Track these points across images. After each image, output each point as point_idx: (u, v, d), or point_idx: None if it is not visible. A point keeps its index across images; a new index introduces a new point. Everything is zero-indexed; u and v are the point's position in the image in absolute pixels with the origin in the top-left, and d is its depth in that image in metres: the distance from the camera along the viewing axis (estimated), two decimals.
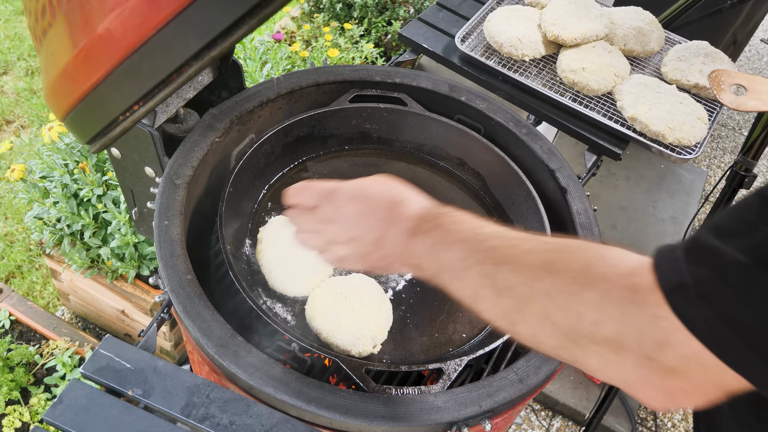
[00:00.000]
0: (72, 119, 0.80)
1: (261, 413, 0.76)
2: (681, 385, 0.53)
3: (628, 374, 0.54)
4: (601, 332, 0.54)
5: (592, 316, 0.55)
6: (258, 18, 0.60)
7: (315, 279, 1.04)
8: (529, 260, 0.60)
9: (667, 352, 0.51)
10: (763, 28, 3.92)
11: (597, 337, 0.55)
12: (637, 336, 0.52)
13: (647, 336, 0.52)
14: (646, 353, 0.52)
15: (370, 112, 1.26)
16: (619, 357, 0.54)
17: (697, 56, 1.55)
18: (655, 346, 0.52)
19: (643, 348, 0.52)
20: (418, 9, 2.72)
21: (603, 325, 0.54)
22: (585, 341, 0.56)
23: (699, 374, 0.51)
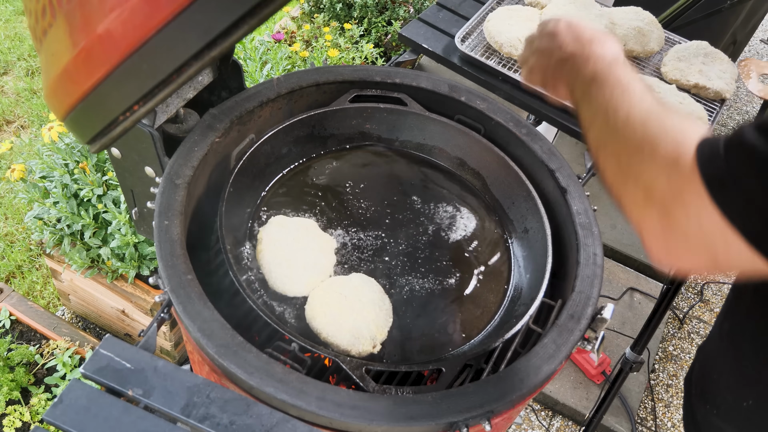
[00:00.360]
0: (72, 119, 0.80)
1: (261, 413, 0.76)
2: (679, 243, 0.63)
3: (646, 220, 0.66)
4: (643, 177, 0.66)
5: (645, 166, 0.66)
6: (258, 18, 0.60)
7: (315, 279, 1.04)
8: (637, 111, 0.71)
9: (679, 208, 0.62)
10: (762, 28, 3.93)
11: (639, 180, 0.67)
12: (666, 192, 0.63)
13: (672, 190, 0.63)
14: (667, 208, 0.63)
15: (370, 112, 1.26)
16: (646, 203, 0.66)
17: (696, 56, 1.55)
18: (673, 198, 0.62)
19: (665, 203, 0.63)
20: (418, 9, 2.72)
21: (647, 173, 0.66)
22: (632, 181, 0.68)
23: (697, 235, 0.61)
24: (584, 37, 0.88)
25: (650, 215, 0.65)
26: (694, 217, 0.61)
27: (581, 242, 1.06)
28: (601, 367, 2.17)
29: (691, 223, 0.61)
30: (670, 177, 0.63)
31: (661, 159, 0.65)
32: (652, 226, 0.65)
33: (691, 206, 0.61)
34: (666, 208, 0.63)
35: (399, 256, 1.12)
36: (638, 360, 1.70)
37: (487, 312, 1.08)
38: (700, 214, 0.60)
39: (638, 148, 0.68)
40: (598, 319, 0.98)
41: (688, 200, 0.61)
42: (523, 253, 1.16)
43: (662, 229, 0.64)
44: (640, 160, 0.67)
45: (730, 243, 0.59)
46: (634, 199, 0.68)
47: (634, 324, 2.35)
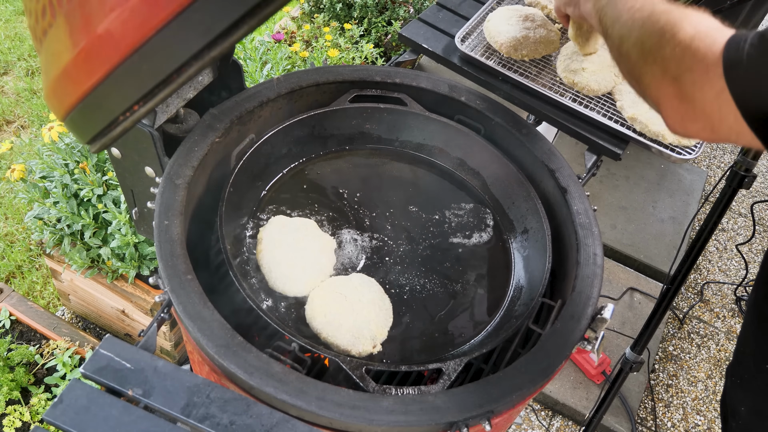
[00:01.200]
0: (72, 119, 0.80)
1: (261, 413, 0.76)
2: (687, 111, 0.73)
3: (661, 89, 0.76)
4: (661, 53, 0.75)
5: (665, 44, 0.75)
6: (258, 18, 0.60)
7: (315, 279, 1.04)
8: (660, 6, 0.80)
9: (689, 79, 0.71)
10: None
11: (657, 57, 0.76)
12: (678, 62, 0.73)
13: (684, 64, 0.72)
14: (676, 75, 0.73)
15: (370, 112, 1.26)
16: (663, 75, 0.75)
17: None
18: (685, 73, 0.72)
19: (679, 73, 0.73)
20: (418, 9, 2.72)
21: (666, 50, 0.75)
22: (651, 59, 0.77)
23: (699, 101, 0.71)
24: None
25: (665, 85, 0.75)
26: (698, 85, 0.70)
27: (581, 242, 1.06)
28: (601, 367, 2.17)
29: (696, 90, 0.71)
30: (685, 53, 0.72)
31: (680, 39, 0.74)
32: (666, 94, 0.75)
33: (697, 75, 0.70)
34: (678, 78, 0.73)
35: (399, 256, 1.12)
36: (638, 360, 1.70)
37: (487, 312, 1.08)
38: (703, 83, 0.69)
39: (660, 33, 0.76)
40: (598, 319, 0.98)
41: (696, 70, 0.70)
42: (523, 253, 1.16)
43: (673, 96, 0.74)
44: (660, 41, 0.76)
45: (724, 114, 0.68)
46: (652, 75, 0.77)
47: (634, 324, 2.35)
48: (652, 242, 2.65)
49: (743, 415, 1.06)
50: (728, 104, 0.68)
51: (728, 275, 2.77)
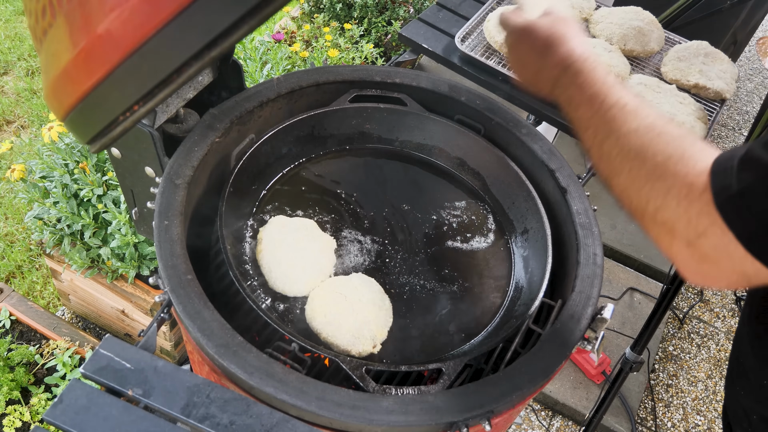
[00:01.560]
0: (72, 119, 0.80)
1: (261, 413, 0.76)
2: (711, 270, 0.66)
3: (675, 254, 0.69)
4: (659, 216, 0.69)
5: (656, 202, 0.69)
6: (258, 18, 0.60)
7: (315, 279, 1.04)
8: (630, 140, 0.74)
9: (704, 241, 0.64)
10: (763, 29, 3.92)
11: (657, 219, 0.69)
12: (686, 225, 0.65)
13: (692, 227, 0.65)
14: (690, 240, 0.65)
15: (370, 112, 1.26)
16: (669, 238, 0.68)
17: (697, 56, 1.55)
18: (696, 235, 0.64)
19: (688, 235, 0.65)
20: (418, 9, 2.72)
21: (662, 211, 0.68)
22: (648, 220, 0.71)
23: (727, 263, 0.63)
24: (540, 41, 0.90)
25: (678, 249, 0.67)
26: (722, 249, 0.63)
27: (581, 242, 1.06)
28: (601, 367, 2.17)
29: (720, 254, 0.63)
30: (689, 211, 0.65)
31: (677, 191, 0.67)
32: (683, 258, 0.68)
33: (715, 239, 0.63)
34: (692, 243, 0.65)
35: (399, 256, 1.12)
36: (638, 360, 1.70)
37: (487, 312, 1.08)
38: (727, 245, 0.62)
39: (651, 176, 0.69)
40: (598, 319, 0.98)
41: (711, 233, 0.63)
42: (523, 253, 1.16)
43: (692, 260, 0.67)
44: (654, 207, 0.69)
45: (759, 267, 0.61)
46: (658, 236, 0.70)
47: (634, 324, 2.35)
48: (652, 242, 2.64)
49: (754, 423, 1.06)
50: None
51: None
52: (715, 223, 0.62)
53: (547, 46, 0.89)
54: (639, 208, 0.72)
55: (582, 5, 1.66)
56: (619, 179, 0.74)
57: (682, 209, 0.66)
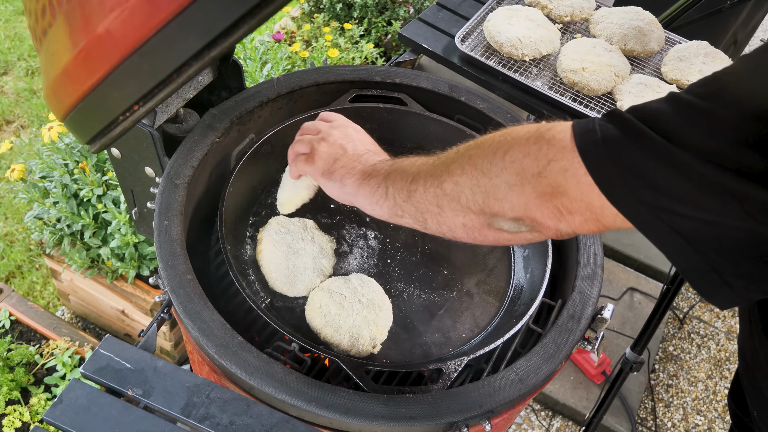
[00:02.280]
0: (72, 119, 0.80)
1: (261, 413, 0.76)
2: (564, 202, 0.65)
3: (526, 195, 0.67)
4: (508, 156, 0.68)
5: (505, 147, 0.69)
6: (258, 18, 0.60)
7: (315, 279, 1.04)
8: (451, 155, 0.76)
9: (553, 166, 0.64)
10: (763, 28, 3.92)
11: (505, 161, 0.68)
12: (535, 156, 0.66)
13: (543, 155, 0.65)
14: (540, 170, 0.65)
15: (370, 112, 1.26)
16: (519, 179, 0.67)
17: (697, 56, 1.55)
18: (547, 162, 0.65)
19: (538, 165, 0.65)
20: (418, 9, 2.72)
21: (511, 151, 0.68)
22: (496, 170, 0.69)
23: (575, 191, 0.63)
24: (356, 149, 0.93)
25: (527, 187, 0.67)
26: (570, 172, 0.63)
27: (581, 242, 1.06)
28: (601, 367, 2.17)
29: (570, 181, 0.64)
30: (540, 148, 0.66)
31: (524, 140, 0.68)
32: (532, 196, 0.67)
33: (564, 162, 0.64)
34: (542, 173, 0.65)
35: (399, 256, 1.12)
36: (638, 360, 1.70)
37: (487, 312, 1.08)
38: (576, 168, 0.62)
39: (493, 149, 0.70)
40: (598, 319, 0.98)
41: (561, 157, 0.64)
42: (523, 253, 1.16)
43: (542, 195, 0.66)
44: (498, 154, 0.69)
45: (604, 202, 0.62)
46: (507, 184, 0.68)
47: (634, 324, 2.35)
48: None
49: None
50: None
51: None
52: (565, 147, 0.63)
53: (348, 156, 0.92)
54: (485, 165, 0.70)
55: (582, 5, 1.66)
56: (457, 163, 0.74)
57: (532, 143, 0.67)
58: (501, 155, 0.69)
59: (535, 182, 0.66)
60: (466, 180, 0.72)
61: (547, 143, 0.66)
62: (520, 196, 0.68)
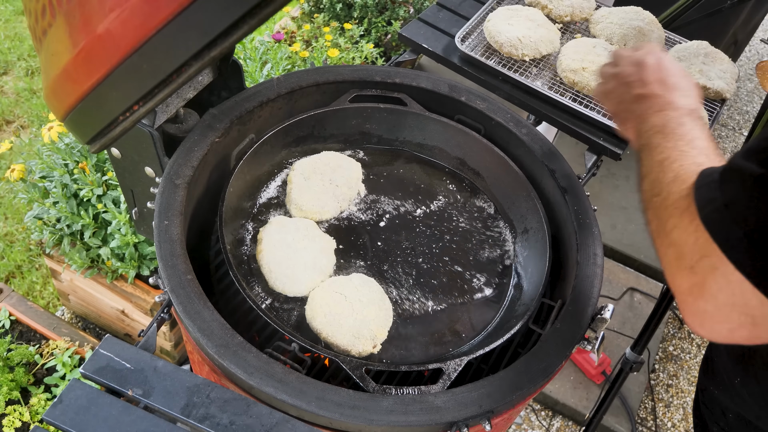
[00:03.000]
0: (72, 119, 0.80)
1: (261, 413, 0.76)
2: (708, 307, 0.59)
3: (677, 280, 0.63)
4: (673, 236, 0.64)
5: (674, 220, 0.65)
6: (258, 18, 0.60)
7: (315, 279, 1.04)
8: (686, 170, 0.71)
9: (705, 263, 0.58)
10: (763, 28, 3.92)
11: (671, 239, 0.65)
12: (692, 245, 0.61)
13: (698, 246, 0.60)
14: (692, 263, 0.60)
15: (370, 112, 1.26)
16: (677, 263, 0.63)
17: (697, 56, 1.55)
18: (699, 256, 0.59)
19: (692, 257, 0.60)
20: (418, 9, 2.72)
21: (677, 230, 0.64)
22: (666, 240, 0.66)
23: (726, 293, 0.57)
24: (669, 82, 0.87)
25: (681, 275, 0.63)
26: (720, 274, 0.57)
27: (581, 242, 1.06)
28: (601, 367, 2.17)
29: (718, 280, 0.57)
30: (697, 233, 0.60)
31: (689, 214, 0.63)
32: (683, 288, 0.62)
33: (715, 259, 0.57)
34: (693, 267, 0.60)
35: (399, 256, 1.12)
36: (638, 360, 1.70)
37: (487, 312, 1.08)
38: (725, 268, 0.56)
39: (675, 206, 0.66)
40: (598, 319, 0.98)
41: (712, 253, 0.58)
42: (523, 253, 1.16)
43: (690, 290, 0.61)
44: (675, 217, 0.65)
45: (762, 299, 0.54)
46: (668, 259, 0.66)
47: (634, 324, 2.35)
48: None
49: (731, 420, 1.06)
50: None
51: None
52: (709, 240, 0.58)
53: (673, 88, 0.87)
54: (661, 226, 0.68)
55: (582, 5, 1.66)
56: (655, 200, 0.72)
57: (693, 227, 0.61)
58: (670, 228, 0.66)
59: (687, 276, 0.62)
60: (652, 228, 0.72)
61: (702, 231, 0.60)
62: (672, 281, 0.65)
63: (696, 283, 0.60)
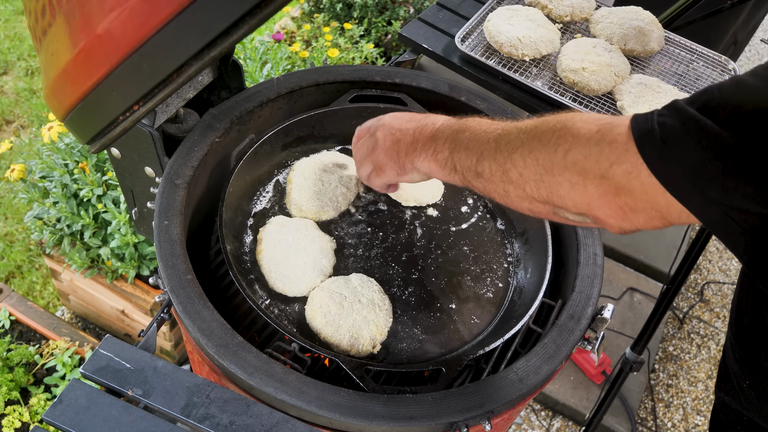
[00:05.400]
0: (72, 119, 0.80)
1: (261, 413, 0.76)
2: (627, 201, 0.65)
3: (589, 194, 0.68)
4: (570, 157, 0.68)
5: (566, 145, 0.69)
6: (258, 18, 0.60)
7: (315, 279, 1.04)
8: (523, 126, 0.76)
9: (617, 168, 0.64)
10: (763, 28, 3.92)
11: (567, 162, 0.68)
12: (596, 159, 0.66)
13: (604, 157, 0.65)
14: (602, 173, 0.65)
15: (370, 112, 1.26)
16: (582, 179, 0.67)
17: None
18: (609, 164, 0.65)
19: (600, 168, 0.65)
20: (418, 9, 2.72)
21: (572, 151, 0.68)
22: (558, 168, 0.69)
23: (640, 191, 0.63)
24: (415, 116, 0.92)
25: (590, 187, 0.67)
26: (634, 174, 0.63)
27: (581, 242, 1.06)
28: (601, 367, 2.17)
29: (633, 182, 0.63)
30: (602, 150, 0.65)
31: (587, 137, 0.67)
32: (595, 195, 0.67)
33: (628, 165, 0.63)
34: (604, 175, 0.65)
35: (399, 256, 1.12)
36: (638, 360, 1.70)
37: (487, 312, 1.08)
38: (640, 170, 0.62)
39: (556, 140, 0.69)
40: (598, 319, 0.98)
41: (623, 160, 0.64)
42: (523, 253, 1.16)
43: (607, 196, 0.66)
44: (562, 148, 0.69)
45: (669, 199, 0.62)
46: (569, 184, 0.69)
47: (634, 324, 2.35)
48: (652, 242, 2.65)
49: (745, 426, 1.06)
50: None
51: (728, 275, 2.77)
52: (628, 150, 0.63)
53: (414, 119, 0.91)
54: (547, 162, 0.70)
55: (582, 5, 1.66)
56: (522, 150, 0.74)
57: (594, 146, 0.66)
58: (562, 154, 0.69)
59: (598, 183, 0.66)
60: (529, 173, 0.73)
61: (609, 145, 0.65)
62: (583, 195, 0.68)
63: (612, 185, 0.65)
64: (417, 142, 0.89)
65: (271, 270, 1.03)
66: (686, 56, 1.62)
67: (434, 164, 0.86)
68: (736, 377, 1.00)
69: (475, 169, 0.80)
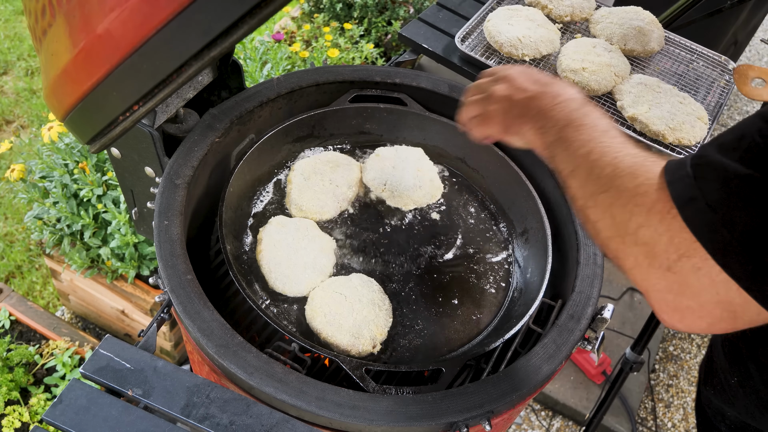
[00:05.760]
0: (72, 119, 0.80)
1: (261, 413, 0.76)
2: (691, 304, 0.58)
3: (652, 285, 0.61)
4: (641, 233, 0.61)
5: (639, 219, 0.61)
6: (258, 18, 0.60)
7: (315, 279, 1.04)
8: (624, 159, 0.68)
9: (685, 263, 0.57)
10: (763, 28, 3.92)
11: (638, 237, 0.61)
12: (667, 244, 0.58)
13: (674, 246, 0.58)
14: (669, 263, 0.58)
15: (370, 112, 1.26)
16: (647, 263, 0.60)
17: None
18: (677, 256, 0.57)
19: (668, 257, 0.58)
20: (418, 9, 2.71)
21: (644, 228, 0.61)
22: (630, 239, 0.62)
23: (709, 292, 0.56)
24: (542, 80, 0.85)
25: (656, 277, 0.60)
26: (705, 273, 0.56)
27: (581, 242, 1.06)
28: (601, 367, 2.17)
29: (701, 279, 0.56)
30: (671, 231, 0.58)
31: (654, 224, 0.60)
32: (660, 289, 0.60)
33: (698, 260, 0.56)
34: (671, 267, 0.58)
35: (399, 256, 1.12)
36: (638, 360, 1.70)
37: (487, 312, 1.08)
38: (710, 267, 0.55)
39: (636, 203, 0.62)
40: (598, 319, 0.98)
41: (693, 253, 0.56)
42: (523, 253, 1.16)
43: (670, 292, 0.59)
44: (639, 216, 0.62)
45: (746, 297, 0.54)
46: (636, 260, 0.62)
47: (634, 324, 2.35)
48: None
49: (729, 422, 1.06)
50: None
51: None
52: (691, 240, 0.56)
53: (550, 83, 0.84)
54: (621, 226, 0.63)
55: (582, 5, 1.66)
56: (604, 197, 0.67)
57: (665, 226, 0.59)
58: (635, 227, 0.62)
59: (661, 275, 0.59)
60: (603, 227, 0.67)
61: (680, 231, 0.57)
62: (645, 280, 0.62)
63: (676, 282, 0.58)
64: (530, 109, 0.83)
65: (271, 270, 1.03)
66: (686, 56, 1.62)
67: (538, 141, 0.81)
68: (724, 373, 1.00)
69: (566, 179, 0.75)
